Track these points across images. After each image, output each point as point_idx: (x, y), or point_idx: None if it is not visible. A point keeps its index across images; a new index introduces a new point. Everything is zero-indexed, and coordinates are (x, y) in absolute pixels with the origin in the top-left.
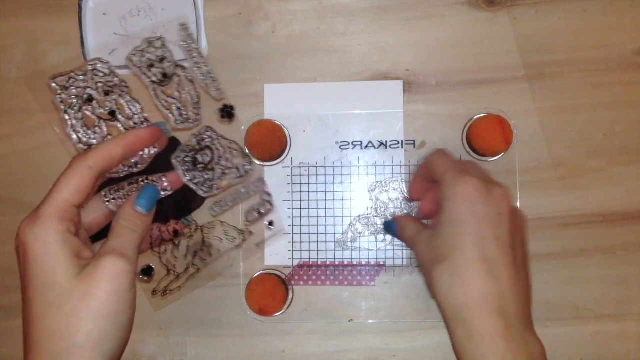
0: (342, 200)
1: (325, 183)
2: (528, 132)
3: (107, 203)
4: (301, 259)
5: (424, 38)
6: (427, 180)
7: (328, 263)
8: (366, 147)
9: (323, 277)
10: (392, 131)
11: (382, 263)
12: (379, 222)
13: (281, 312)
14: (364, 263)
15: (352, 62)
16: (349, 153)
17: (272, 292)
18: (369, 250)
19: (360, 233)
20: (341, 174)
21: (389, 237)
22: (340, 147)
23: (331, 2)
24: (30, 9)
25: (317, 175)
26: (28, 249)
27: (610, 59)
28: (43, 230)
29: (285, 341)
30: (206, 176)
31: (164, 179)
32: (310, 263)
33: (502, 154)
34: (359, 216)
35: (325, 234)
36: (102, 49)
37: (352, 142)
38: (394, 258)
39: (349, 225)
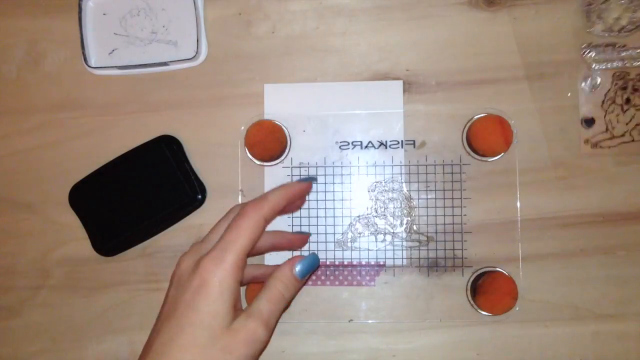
0: (342, 200)
1: (325, 183)
2: (528, 132)
3: None
4: None
5: (424, 38)
6: None
7: (328, 263)
8: (366, 147)
9: (323, 277)
10: (392, 131)
11: (382, 263)
12: (379, 222)
13: None
14: (363, 263)
15: (352, 62)
16: (349, 153)
17: None
18: (369, 250)
19: (360, 233)
20: (341, 174)
21: (388, 237)
22: (340, 147)
23: (331, 2)
24: (30, 9)
25: (316, 175)
26: (207, 286)
27: None
28: (226, 275)
29: (285, 341)
30: None
31: None
32: None
33: (502, 154)
34: (358, 216)
35: (325, 234)
36: (102, 49)
37: (352, 142)
38: (394, 258)
39: (349, 225)
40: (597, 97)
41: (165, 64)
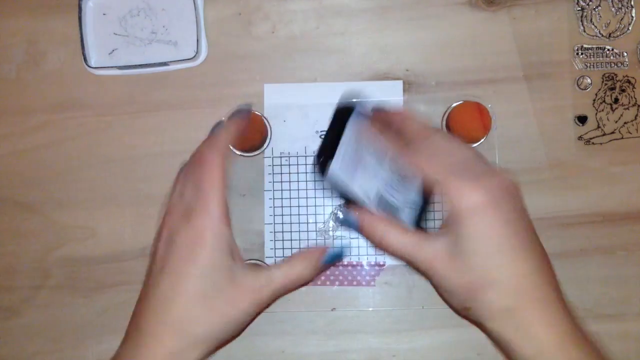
0: (324, 189)
1: (306, 172)
2: (527, 132)
3: None
4: None
5: (423, 38)
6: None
7: None
8: None
9: (323, 277)
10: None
11: (382, 263)
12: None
13: None
14: (363, 263)
15: (351, 62)
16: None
17: None
18: (350, 238)
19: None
20: None
21: None
22: (320, 136)
23: (331, 2)
24: (30, 9)
25: (297, 164)
26: (202, 238)
27: None
28: (217, 225)
29: (285, 341)
30: None
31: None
32: None
33: (482, 140)
34: (339, 205)
35: (307, 223)
36: (102, 49)
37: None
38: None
39: (330, 214)
40: (589, 96)
41: (165, 64)
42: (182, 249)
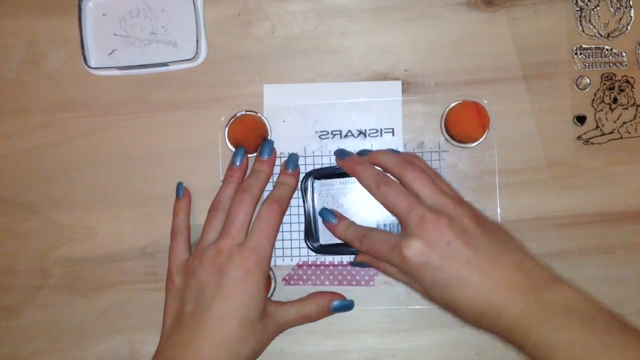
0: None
1: (305, 173)
2: (526, 132)
3: None
4: (300, 256)
5: (422, 38)
6: None
7: (327, 262)
8: (345, 136)
9: (322, 277)
10: (370, 119)
11: None
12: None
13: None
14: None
15: (351, 62)
16: (329, 142)
17: None
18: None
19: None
20: (321, 163)
21: None
22: (319, 136)
23: (330, 2)
24: (30, 9)
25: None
26: (253, 276)
27: None
28: (266, 268)
29: (285, 341)
30: None
31: None
32: (310, 263)
33: (480, 139)
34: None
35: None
36: (102, 49)
37: (332, 132)
38: None
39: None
40: (588, 96)
41: (164, 64)
42: (236, 281)
